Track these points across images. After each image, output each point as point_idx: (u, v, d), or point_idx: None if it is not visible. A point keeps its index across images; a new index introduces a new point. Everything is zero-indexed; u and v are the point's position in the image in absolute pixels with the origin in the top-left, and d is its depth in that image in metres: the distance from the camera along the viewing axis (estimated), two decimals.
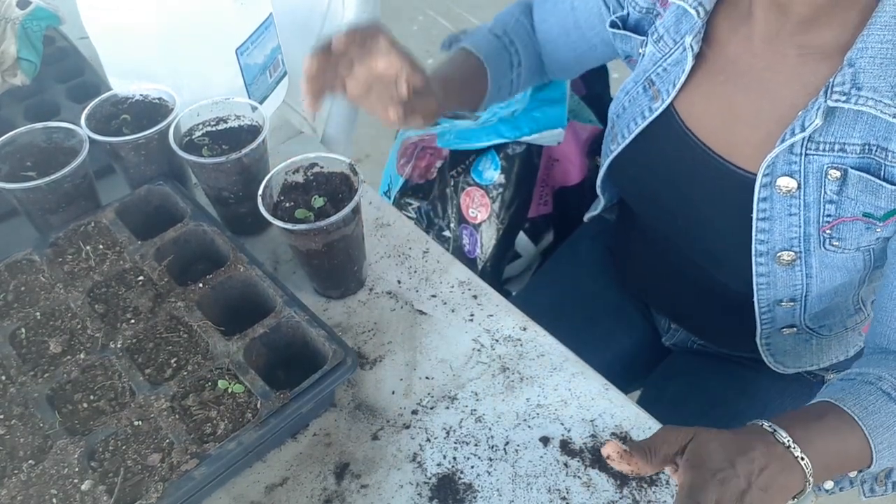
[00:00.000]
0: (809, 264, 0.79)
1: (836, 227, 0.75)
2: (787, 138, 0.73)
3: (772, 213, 0.77)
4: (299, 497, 0.72)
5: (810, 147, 0.73)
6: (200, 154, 0.88)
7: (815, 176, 0.74)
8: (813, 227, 0.76)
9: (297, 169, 0.85)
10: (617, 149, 0.91)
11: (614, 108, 0.93)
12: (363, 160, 2.29)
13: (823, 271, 0.80)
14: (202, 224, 0.86)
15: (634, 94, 0.89)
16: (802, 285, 0.81)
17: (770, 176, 0.76)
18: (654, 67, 0.86)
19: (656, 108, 0.85)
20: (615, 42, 0.94)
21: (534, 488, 0.72)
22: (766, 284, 0.82)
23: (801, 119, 0.72)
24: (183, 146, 0.87)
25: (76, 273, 0.83)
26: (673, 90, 0.83)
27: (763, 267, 0.81)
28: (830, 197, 0.74)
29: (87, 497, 0.65)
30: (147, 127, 0.88)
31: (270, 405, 0.70)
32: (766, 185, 0.76)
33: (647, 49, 0.87)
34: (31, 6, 1.07)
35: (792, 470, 0.63)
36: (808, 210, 0.76)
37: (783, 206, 0.76)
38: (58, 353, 0.76)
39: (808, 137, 0.72)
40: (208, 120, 0.92)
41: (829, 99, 0.69)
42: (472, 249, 1.24)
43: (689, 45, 0.80)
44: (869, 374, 0.72)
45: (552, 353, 0.83)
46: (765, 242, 0.79)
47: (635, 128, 0.87)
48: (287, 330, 0.77)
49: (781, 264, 0.80)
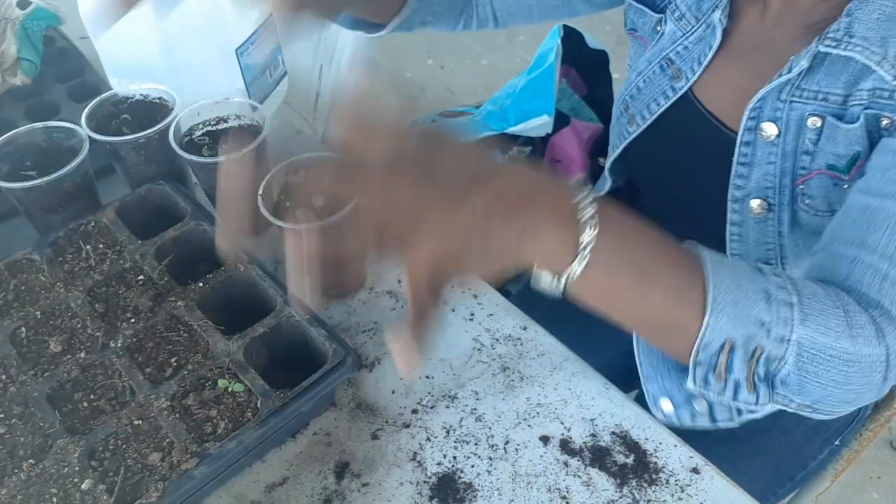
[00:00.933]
0: (782, 220, 0.79)
1: (807, 183, 0.75)
2: (773, 80, 0.73)
3: (752, 160, 0.77)
4: (299, 496, 0.72)
5: (795, 94, 0.73)
6: (201, 154, 0.88)
7: (796, 123, 0.74)
8: (787, 178, 0.76)
9: (297, 169, 0.85)
10: (636, 130, 0.89)
11: (625, 89, 0.90)
12: None
13: (797, 233, 0.79)
14: (202, 224, 0.86)
15: (650, 74, 0.86)
16: (776, 245, 0.80)
17: (756, 120, 0.76)
18: (673, 46, 0.84)
19: (679, 87, 0.83)
20: (627, 12, 0.91)
21: (534, 487, 0.72)
22: (738, 236, 0.82)
23: (789, 63, 0.72)
24: (183, 146, 0.87)
25: (76, 272, 0.83)
26: (699, 68, 0.81)
27: (736, 215, 0.80)
28: (807, 147, 0.74)
29: (87, 496, 0.65)
30: (147, 126, 0.88)
31: (270, 404, 0.70)
32: (751, 129, 0.76)
33: (667, 28, 0.85)
34: (31, 6, 1.07)
35: (558, 228, 0.46)
36: (785, 160, 0.75)
37: (763, 153, 0.76)
38: (58, 353, 0.76)
39: (795, 84, 0.72)
40: (208, 119, 0.92)
41: (821, 45, 0.70)
42: None
43: (719, 19, 0.78)
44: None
45: (552, 352, 0.83)
46: (741, 188, 0.79)
47: (657, 108, 0.86)
48: (287, 329, 0.77)
49: (754, 215, 0.79)
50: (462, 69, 2.72)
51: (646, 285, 0.50)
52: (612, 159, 0.97)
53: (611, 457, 0.74)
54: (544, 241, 0.46)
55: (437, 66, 2.74)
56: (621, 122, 0.94)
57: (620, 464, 0.74)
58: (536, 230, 0.45)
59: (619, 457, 0.74)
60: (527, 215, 0.44)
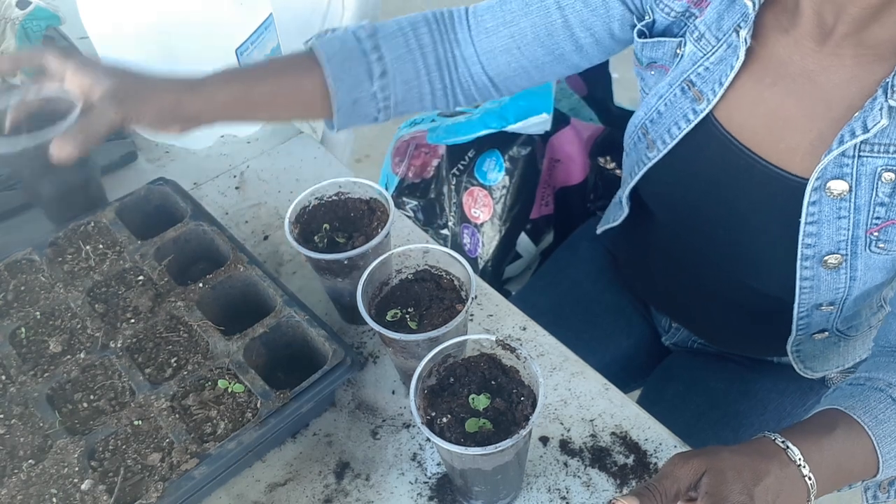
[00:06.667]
0: (854, 267, 0.78)
1: (884, 230, 0.74)
2: (847, 140, 0.71)
3: (820, 217, 0.76)
4: (299, 496, 0.72)
5: (864, 149, 0.71)
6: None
7: (868, 178, 0.72)
8: (861, 229, 0.75)
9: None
10: (657, 156, 0.86)
11: (645, 113, 0.88)
12: (363, 160, 2.29)
13: (867, 273, 0.79)
14: (202, 224, 0.86)
15: (671, 97, 0.84)
16: (845, 288, 0.80)
17: (821, 179, 0.74)
18: (693, 68, 0.81)
19: (701, 109, 0.81)
20: (642, 51, 0.88)
21: (534, 488, 0.72)
22: (810, 289, 0.81)
23: (859, 120, 0.70)
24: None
25: (76, 273, 0.83)
26: (720, 88, 0.79)
27: (808, 271, 0.79)
28: (882, 199, 0.73)
29: (87, 496, 0.65)
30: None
31: (270, 405, 0.70)
32: (817, 189, 0.74)
33: (687, 49, 0.82)
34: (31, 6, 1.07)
35: (799, 489, 0.63)
36: (857, 213, 0.74)
37: (832, 209, 0.75)
38: (58, 353, 0.76)
39: (864, 139, 0.71)
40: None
41: (891, 98, 0.68)
42: (474, 249, 1.24)
43: (744, 38, 0.76)
44: (878, 379, 0.72)
45: (552, 352, 0.83)
46: (811, 246, 0.78)
47: (678, 132, 0.83)
48: (287, 330, 0.77)
49: (827, 268, 0.79)
50: None
51: (844, 478, 0.70)
52: (629, 187, 0.94)
53: (611, 457, 0.74)
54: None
55: None
56: (639, 148, 0.91)
57: (620, 464, 0.74)
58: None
59: (619, 457, 0.74)
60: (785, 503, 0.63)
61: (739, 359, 1.01)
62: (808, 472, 0.63)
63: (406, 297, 0.76)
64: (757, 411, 0.97)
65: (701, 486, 0.60)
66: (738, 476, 0.60)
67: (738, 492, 0.59)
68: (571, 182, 1.27)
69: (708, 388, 1.00)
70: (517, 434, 0.60)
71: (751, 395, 0.98)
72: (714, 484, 0.60)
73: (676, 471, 0.61)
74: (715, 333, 1.02)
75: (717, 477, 0.60)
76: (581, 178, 1.26)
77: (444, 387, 0.67)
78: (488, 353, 0.68)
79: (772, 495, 0.61)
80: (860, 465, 0.68)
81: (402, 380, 0.80)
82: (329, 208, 0.82)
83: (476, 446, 0.60)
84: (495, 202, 1.21)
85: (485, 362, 0.67)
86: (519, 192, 1.21)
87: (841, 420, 0.68)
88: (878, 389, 0.70)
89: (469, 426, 0.63)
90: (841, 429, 0.67)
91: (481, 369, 0.67)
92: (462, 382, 0.67)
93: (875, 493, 0.76)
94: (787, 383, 0.98)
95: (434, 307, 0.74)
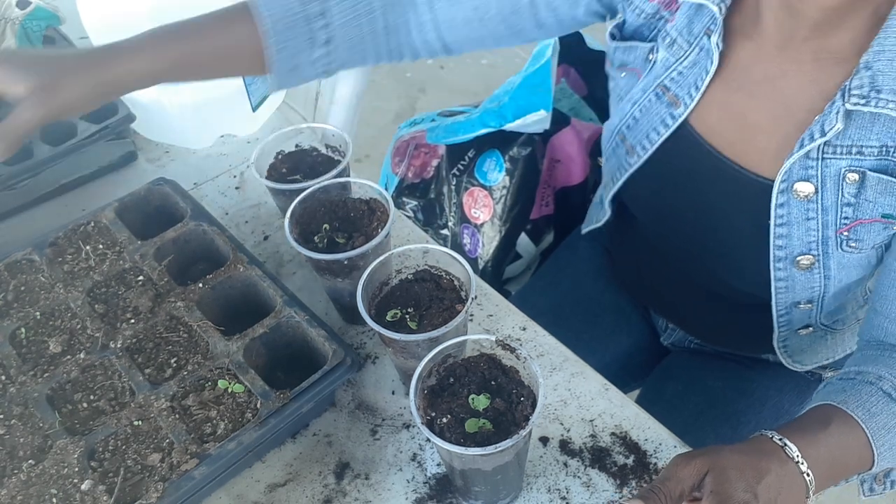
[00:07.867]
0: (828, 266, 0.79)
1: (853, 229, 0.75)
2: (806, 143, 0.72)
3: (789, 219, 0.77)
4: (299, 496, 0.72)
5: (827, 151, 0.72)
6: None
7: (833, 179, 0.73)
8: (831, 230, 0.76)
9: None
10: (638, 162, 0.87)
11: (620, 119, 0.88)
12: (363, 160, 2.29)
13: (841, 271, 0.80)
14: (202, 224, 0.86)
15: (646, 103, 0.85)
16: (820, 286, 0.81)
17: (787, 181, 0.75)
18: (667, 73, 0.82)
19: (679, 114, 0.81)
20: (613, 54, 0.89)
21: (533, 488, 0.72)
22: (785, 288, 0.82)
23: (818, 123, 0.71)
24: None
25: (76, 273, 0.83)
26: (696, 93, 0.80)
27: (782, 272, 0.81)
28: (848, 200, 0.74)
29: (86, 497, 0.65)
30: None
31: (270, 405, 0.70)
32: (784, 191, 0.75)
33: (660, 56, 0.83)
34: (31, 6, 1.07)
35: (798, 485, 0.64)
36: (825, 214, 0.75)
37: (800, 210, 0.76)
38: (58, 353, 0.76)
39: (826, 141, 0.72)
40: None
41: (848, 102, 0.69)
42: (473, 249, 1.24)
43: (716, 43, 0.76)
44: (869, 373, 0.72)
45: (552, 352, 0.83)
46: (783, 248, 0.79)
47: (657, 138, 0.84)
48: (287, 330, 0.77)
49: (800, 268, 0.80)
50: (462, 69, 2.72)
51: (841, 472, 0.70)
52: (612, 192, 0.95)
53: (611, 457, 0.74)
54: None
55: (437, 67, 2.74)
56: (618, 153, 0.91)
57: (620, 464, 0.74)
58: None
59: (618, 457, 0.74)
60: (786, 500, 0.64)
61: (737, 358, 1.02)
62: (805, 469, 0.64)
63: (406, 297, 0.76)
64: (755, 409, 0.97)
65: (705, 486, 0.60)
66: (741, 475, 0.61)
67: (742, 490, 0.60)
68: (572, 182, 1.27)
69: (706, 387, 1.00)
70: (517, 434, 0.60)
71: (749, 394, 0.98)
72: (718, 483, 0.60)
73: (679, 472, 0.61)
74: (705, 332, 1.03)
75: (720, 476, 0.60)
76: (581, 179, 1.26)
77: (443, 387, 0.67)
78: (488, 353, 0.68)
79: (774, 492, 0.61)
80: (856, 459, 0.69)
81: (402, 380, 0.80)
82: (329, 208, 0.82)
83: (476, 446, 0.60)
84: (495, 202, 1.21)
85: (485, 362, 0.67)
86: (519, 193, 1.21)
87: (835, 415, 0.68)
88: (868, 383, 0.71)
89: (469, 426, 0.63)
90: (835, 424, 0.68)
91: (481, 369, 0.67)
92: (462, 383, 0.67)
93: (871, 485, 0.77)
94: (785, 381, 0.99)
95: (434, 307, 0.74)
